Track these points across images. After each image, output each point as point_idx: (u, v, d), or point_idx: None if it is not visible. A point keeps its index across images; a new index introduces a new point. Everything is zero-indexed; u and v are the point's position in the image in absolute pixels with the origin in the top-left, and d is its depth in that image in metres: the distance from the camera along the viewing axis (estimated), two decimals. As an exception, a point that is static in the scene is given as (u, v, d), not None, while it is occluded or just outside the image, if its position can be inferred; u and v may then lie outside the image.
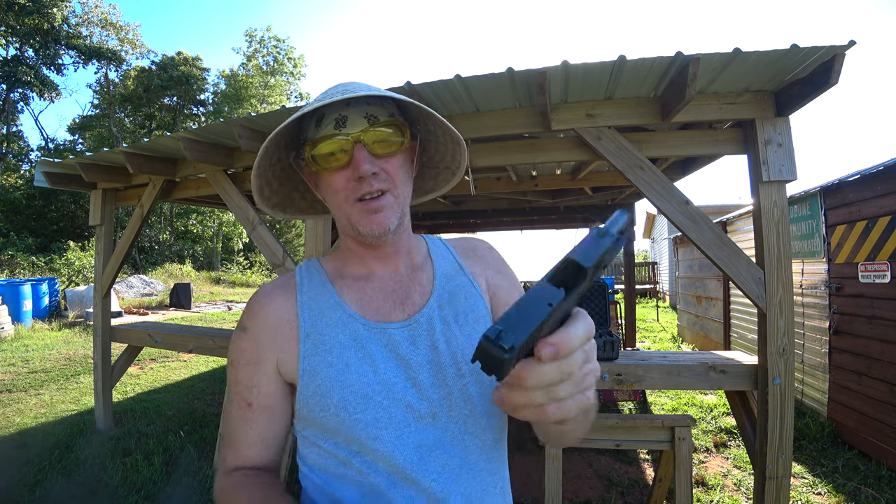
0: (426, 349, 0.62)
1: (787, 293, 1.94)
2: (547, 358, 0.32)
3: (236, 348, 0.65)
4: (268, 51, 27.65)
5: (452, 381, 0.61)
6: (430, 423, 0.60)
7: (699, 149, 2.21)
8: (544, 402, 0.35)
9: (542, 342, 0.33)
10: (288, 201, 0.75)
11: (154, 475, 2.89)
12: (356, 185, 0.60)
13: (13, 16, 18.05)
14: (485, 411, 0.62)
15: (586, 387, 0.37)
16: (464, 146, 0.70)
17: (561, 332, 0.34)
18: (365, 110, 0.61)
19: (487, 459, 0.62)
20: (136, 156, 2.93)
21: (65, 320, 9.31)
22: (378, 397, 0.59)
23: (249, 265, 23.53)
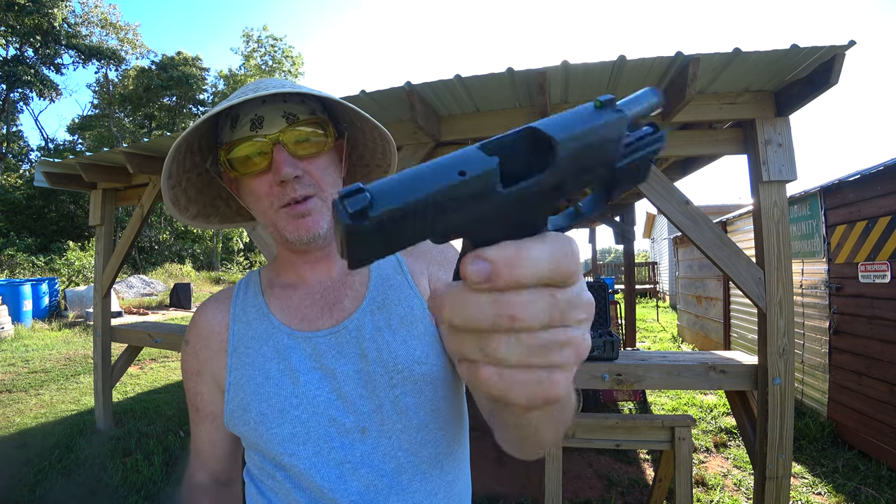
0: (354, 358, 0.57)
1: (787, 293, 1.93)
2: (472, 277, 0.20)
3: (182, 360, 0.67)
4: (265, 50, 27.65)
5: (383, 392, 0.56)
6: (357, 439, 0.55)
7: (699, 149, 2.21)
8: (475, 357, 0.22)
9: (468, 254, 0.21)
10: (212, 209, 0.70)
11: (154, 475, 2.89)
12: (280, 190, 0.56)
13: (13, 16, 18.05)
14: (422, 424, 0.57)
15: (552, 362, 0.22)
16: (392, 144, 0.65)
17: (506, 245, 0.21)
18: (283, 108, 0.57)
19: (424, 479, 0.57)
20: (136, 156, 2.93)
21: (65, 320, 9.31)
22: (295, 411, 0.55)
23: (249, 265, 23.53)
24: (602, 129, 0.22)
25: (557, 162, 0.21)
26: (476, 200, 0.19)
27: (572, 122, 0.22)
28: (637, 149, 0.24)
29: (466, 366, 0.23)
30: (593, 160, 0.22)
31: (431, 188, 0.18)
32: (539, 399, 0.23)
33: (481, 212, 0.20)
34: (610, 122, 0.22)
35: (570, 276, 0.22)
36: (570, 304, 0.22)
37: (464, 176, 0.19)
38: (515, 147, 0.21)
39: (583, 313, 0.23)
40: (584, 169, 0.22)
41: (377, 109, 2.21)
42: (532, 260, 0.21)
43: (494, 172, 0.20)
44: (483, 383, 0.22)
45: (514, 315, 0.21)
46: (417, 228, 0.19)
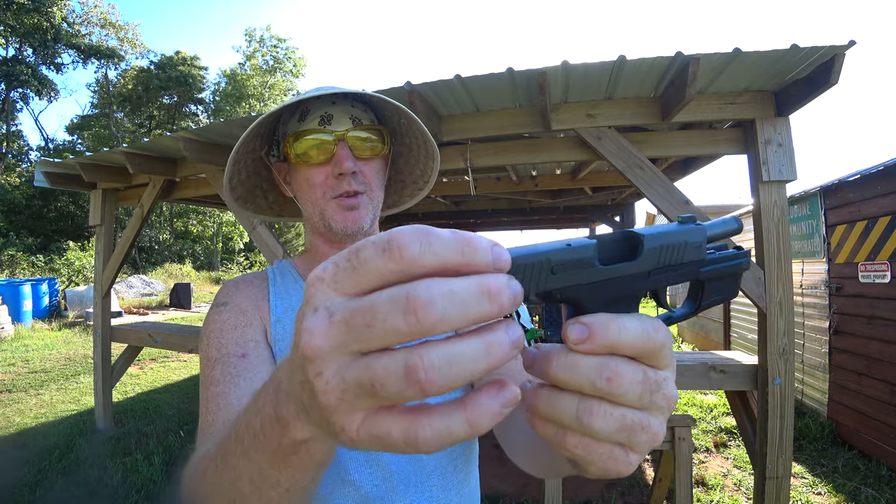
0: None
1: (787, 293, 1.93)
2: (571, 337, 0.23)
3: (218, 320, 0.61)
4: (267, 50, 27.65)
5: None
6: None
7: (699, 149, 2.21)
8: (569, 422, 0.24)
9: (570, 319, 0.25)
10: (250, 196, 0.75)
11: (154, 475, 2.89)
12: (335, 182, 0.61)
13: (12, 15, 18.05)
14: None
15: (632, 443, 0.24)
16: (438, 160, 0.70)
17: (602, 314, 0.24)
18: (350, 112, 0.62)
19: (441, 475, 0.59)
20: (135, 156, 2.93)
21: (65, 320, 9.31)
22: None
23: (249, 265, 23.52)
24: (681, 235, 0.28)
25: (644, 253, 0.27)
26: (577, 267, 0.25)
27: (658, 228, 0.28)
28: (718, 260, 0.31)
29: (554, 429, 0.25)
30: (675, 258, 0.28)
31: (546, 251, 0.24)
32: (612, 473, 0.25)
33: (583, 281, 0.25)
34: (689, 230, 0.29)
35: (659, 352, 0.25)
36: (659, 387, 0.25)
37: (569, 247, 0.25)
38: (615, 242, 0.28)
39: (665, 402, 0.25)
40: (669, 266, 0.28)
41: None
42: (623, 329, 0.24)
43: (593, 248, 0.25)
44: (567, 449, 0.25)
45: (611, 377, 0.23)
46: (534, 280, 0.24)
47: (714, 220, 0.32)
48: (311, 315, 0.20)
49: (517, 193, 4.56)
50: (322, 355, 0.19)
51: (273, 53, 27.77)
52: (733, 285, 0.32)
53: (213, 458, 0.37)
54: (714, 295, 0.31)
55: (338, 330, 0.19)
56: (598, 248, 0.26)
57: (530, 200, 4.93)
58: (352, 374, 0.19)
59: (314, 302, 0.20)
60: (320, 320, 0.19)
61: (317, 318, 0.19)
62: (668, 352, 0.25)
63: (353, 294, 0.19)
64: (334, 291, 0.20)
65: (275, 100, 26.79)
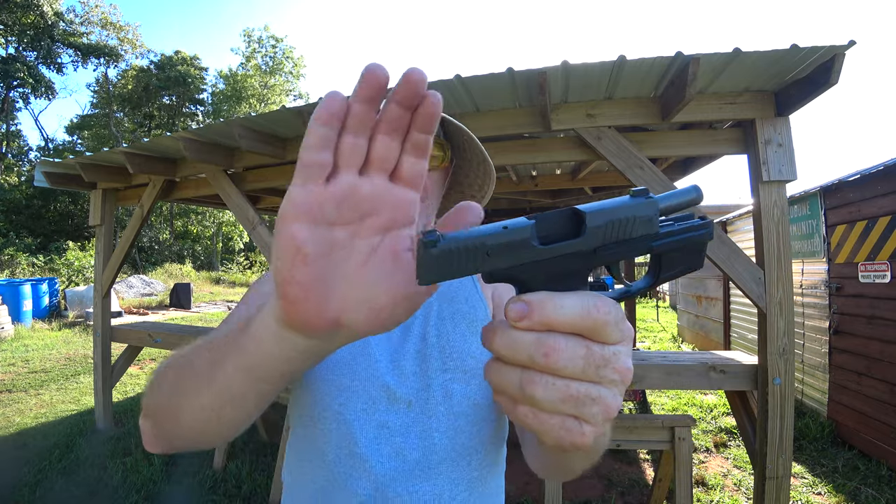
0: (416, 337, 0.63)
1: (787, 293, 1.93)
2: (510, 314, 0.25)
3: (260, 282, 0.66)
4: (266, 50, 27.64)
5: (434, 374, 0.60)
6: (402, 409, 0.59)
7: (699, 149, 2.21)
8: (514, 393, 0.26)
9: (512, 297, 0.26)
10: None
11: (154, 475, 2.89)
12: None
13: (7, 13, 18.02)
14: (462, 413, 0.59)
15: (581, 414, 0.26)
16: (493, 178, 0.72)
17: (542, 292, 0.26)
18: None
19: (452, 466, 0.58)
20: (135, 156, 2.93)
21: (65, 320, 9.31)
22: (358, 367, 0.60)
23: (249, 265, 23.52)
24: (630, 210, 0.27)
25: (587, 231, 0.26)
26: (514, 249, 0.25)
27: (604, 204, 0.27)
28: (674, 233, 0.29)
29: (506, 399, 0.27)
30: (623, 233, 0.27)
31: (481, 234, 0.25)
32: (566, 443, 0.27)
33: (521, 261, 0.26)
34: (638, 204, 0.27)
35: (602, 329, 0.26)
36: (606, 361, 0.26)
37: (505, 229, 0.25)
38: (558, 220, 0.27)
39: (616, 375, 0.27)
40: (617, 242, 0.27)
41: (377, 109, 2.21)
42: (562, 307, 0.25)
43: (530, 228, 0.26)
44: (520, 419, 0.27)
45: (547, 353, 0.25)
46: (469, 263, 0.25)
47: (670, 191, 0.31)
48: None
49: (517, 193, 4.56)
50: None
51: (272, 54, 27.76)
52: (696, 257, 0.31)
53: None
54: (674, 267, 0.30)
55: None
56: (538, 227, 0.26)
57: (530, 200, 4.93)
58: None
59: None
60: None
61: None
62: (613, 328, 0.26)
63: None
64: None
65: (276, 100, 26.78)
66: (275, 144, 2.60)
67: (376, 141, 0.27)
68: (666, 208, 0.30)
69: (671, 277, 0.31)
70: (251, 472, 2.94)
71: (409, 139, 0.28)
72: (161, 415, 0.45)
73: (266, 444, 3.36)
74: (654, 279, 0.31)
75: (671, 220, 0.31)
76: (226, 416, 0.39)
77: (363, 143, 0.27)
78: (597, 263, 0.28)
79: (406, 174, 0.29)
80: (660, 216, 0.29)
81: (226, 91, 26.25)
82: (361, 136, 0.27)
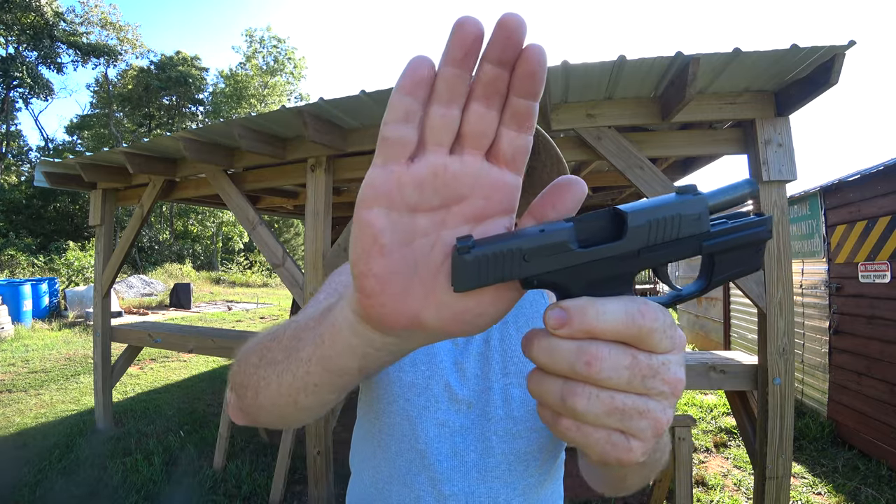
0: (479, 340, 0.63)
1: (787, 293, 1.93)
2: (549, 322, 0.24)
3: (340, 272, 0.67)
4: (267, 51, 27.64)
5: (495, 377, 0.60)
6: (462, 410, 0.59)
7: (699, 149, 2.21)
8: (556, 404, 0.25)
9: (550, 304, 0.25)
10: None
11: (154, 475, 2.89)
12: None
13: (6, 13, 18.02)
14: (521, 418, 0.59)
15: (628, 429, 0.24)
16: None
17: (583, 298, 0.24)
18: None
19: (508, 470, 0.58)
20: (135, 156, 2.93)
21: (65, 320, 9.30)
22: (423, 366, 0.61)
23: (249, 265, 23.52)
24: (675, 208, 0.25)
25: (629, 231, 0.25)
26: (552, 253, 0.24)
27: (647, 203, 0.25)
28: (727, 231, 0.27)
29: (549, 413, 0.26)
30: (669, 233, 0.25)
31: (517, 239, 0.24)
32: (612, 459, 0.25)
33: (560, 266, 0.24)
34: (684, 201, 0.25)
35: (648, 336, 0.24)
36: (654, 371, 0.24)
37: (543, 232, 0.24)
38: (598, 221, 0.25)
39: (666, 387, 0.24)
40: (663, 243, 0.25)
41: (377, 109, 2.21)
42: (604, 313, 0.23)
43: (568, 231, 0.24)
44: (562, 433, 0.25)
45: (589, 362, 0.23)
46: (506, 269, 0.24)
47: (721, 187, 0.28)
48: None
49: (517, 193, 4.55)
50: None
51: (273, 54, 27.76)
52: (753, 257, 0.29)
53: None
54: (729, 269, 0.28)
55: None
56: (577, 230, 0.25)
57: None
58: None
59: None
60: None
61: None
62: (661, 335, 0.24)
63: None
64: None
65: (276, 100, 26.78)
66: (275, 144, 2.60)
67: (470, 111, 0.23)
68: (716, 205, 0.27)
69: (726, 280, 0.29)
70: (251, 472, 2.94)
71: (509, 107, 0.23)
72: (243, 391, 0.45)
73: (266, 445, 3.36)
74: (707, 282, 0.29)
75: (724, 217, 0.29)
76: (301, 402, 0.38)
77: (455, 115, 0.23)
78: (641, 267, 0.26)
79: (505, 152, 0.24)
80: (710, 213, 0.27)
81: (226, 91, 26.26)
82: (454, 106, 0.23)
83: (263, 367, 0.41)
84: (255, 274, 21.60)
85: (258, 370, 0.42)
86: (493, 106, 0.23)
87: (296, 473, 2.86)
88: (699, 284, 0.29)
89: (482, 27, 0.21)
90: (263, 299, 14.39)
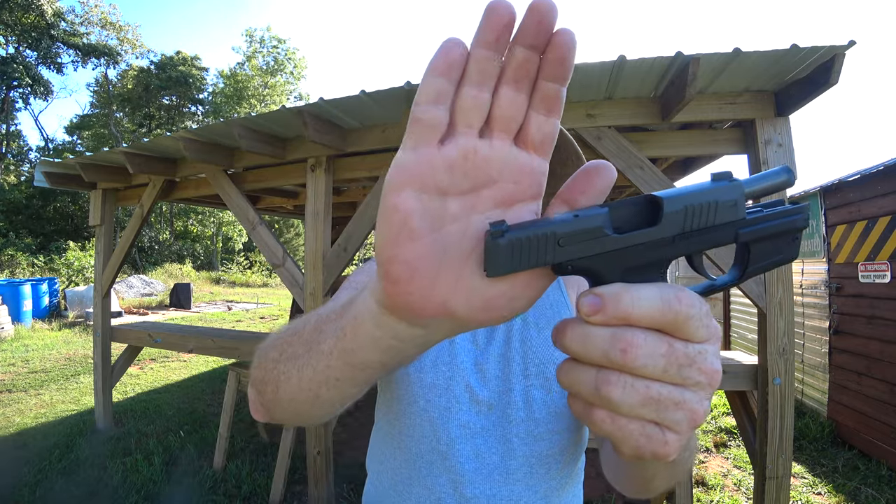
0: (500, 342, 0.63)
1: (787, 293, 1.93)
2: (583, 309, 0.23)
3: (359, 271, 0.65)
4: (268, 51, 27.63)
5: (516, 379, 0.60)
6: (483, 411, 0.59)
7: (699, 149, 2.21)
8: (589, 395, 0.24)
9: (584, 290, 0.24)
10: None
11: (154, 475, 2.89)
12: None
13: (6, 13, 18.02)
14: (542, 421, 0.58)
15: (663, 420, 0.24)
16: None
17: (617, 284, 0.24)
18: None
19: (529, 473, 0.57)
20: (135, 156, 2.93)
21: (65, 320, 9.30)
22: (444, 367, 0.60)
23: (249, 265, 23.52)
24: (711, 194, 0.25)
25: (665, 217, 0.24)
26: (586, 238, 0.24)
27: (683, 189, 0.25)
28: (763, 219, 0.27)
29: (582, 404, 0.25)
30: (705, 220, 0.25)
31: (552, 224, 0.23)
32: (647, 453, 0.24)
33: (594, 251, 0.24)
34: (721, 188, 0.25)
35: (685, 324, 0.23)
36: (690, 360, 0.23)
37: (577, 217, 0.24)
38: (633, 207, 0.25)
39: (703, 377, 0.24)
40: (698, 230, 0.25)
41: (377, 109, 2.21)
42: (639, 298, 0.23)
43: (603, 216, 0.24)
44: (596, 424, 0.24)
45: (625, 349, 0.22)
46: (540, 254, 0.23)
47: (757, 174, 0.28)
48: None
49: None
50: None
51: (274, 54, 27.75)
52: (790, 245, 0.28)
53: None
54: (765, 258, 0.28)
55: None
56: (612, 215, 0.24)
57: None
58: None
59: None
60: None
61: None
62: (697, 323, 0.23)
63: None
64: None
65: (276, 101, 26.78)
66: (275, 144, 2.60)
67: (500, 95, 0.23)
68: (752, 192, 0.27)
69: (761, 270, 0.28)
70: (251, 472, 2.94)
71: (538, 91, 0.23)
72: (263, 387, 0.44)
73: (266, 445, 3.36)
74: (742, 272, 0.28)
75: (759, 206, 0.28)
76: (322, 396, 0.38)
77: (486, 98, 0.23)
78: (676, 254, 0.25)
79: (534, 136, 0.24)
80: (746, 201, 0.26)
81: (225, 91, 26.25)
82: (485, 88, 0.23)
83: (284, 361, 0.41)
84: (255, 274, 21.60)
85: (278, 365, 0.41)
86: (522, 90, 0.23)
87: (296, 473, 2.86)
88: (734, 274, 0.29)
89: (514, 11, 0.21)
90: (263, 299, 14.39)
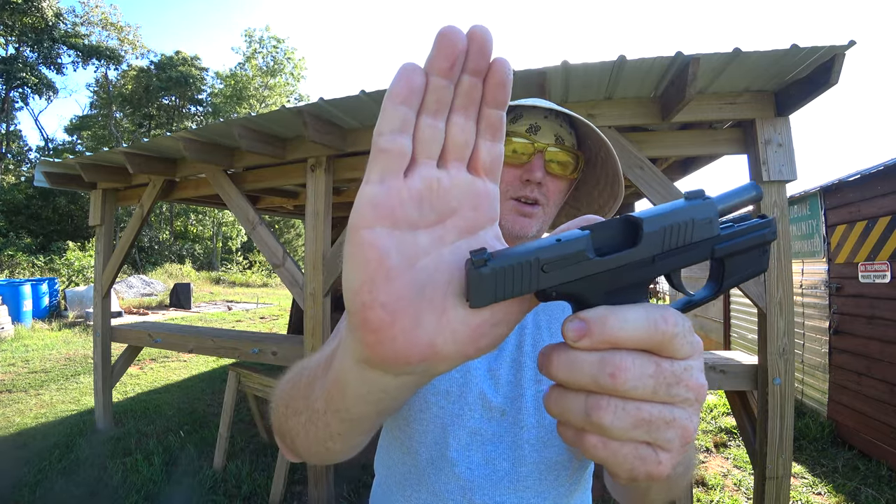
0: (512, 347, 0.63)
1: (787, 293, 1.93)
2: (568, 334, 0.23)
3: None
4: (267, 51, 27.63)
5: (528, 384, 0.59)
6: (495, 418, 0.58)
7: (699, 149, 2.21)
8: (579, 422, 0.23)
9: (569, 316, 0.24)
10: None
11: (154, 475, 2.89)
12: (519, 185, 0.62)
13: (7, 14, 18.03)
14: (553, 426, 0.57)
15: (656, 440, 0.23)
16: (620, 202, 0.70)
17: (601, 307, 0.23)
18: (557, 130, 0.65)
19: (539, 480, 0.57)
20: (135, 156, 2.93)
21: (65, 320, 9.30)
22: (456, 373, 0.60)
23: (249, 265, 23.52)
24: (687, 213, 0.25)
25: (644, 238, 0.24)
26: (569, 263, 0.23)
27: (659, 209, 0.25)
28: (736, 234, 0.28)
29: (573, 431, 0.24)
30: (682, 238, 0.26)
31: (534, 250, 0.23)
32: (641, 475, 0.24)
33: (578, 276, 0.24)
34: (695, 206, 0.26)
35: (671, 342, 0.23)
36: (677, 378, 0.24)
37: (559, 242, 0.23)
38: (612, 230, 0.25)
39: (690, 393, 0.24)
40: (676, 248, 0.26)
41: (377, 109, 2.20)
42: (625, 321, 0.23)
43: (585, 240, 0.24)
44: (588, 451, 0.24)
45: (614, 373, 0.22)
46: (524, 281, 0.23)
47: (727, 191, 0.29)
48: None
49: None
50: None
51: (273, 54, 27.75)
52: (760, 258, 0.29)
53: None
54: (738, 272, 0.29)
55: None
56: (593, 238, 0.24)
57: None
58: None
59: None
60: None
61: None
62: (682, 340, 0.23)
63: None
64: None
65: (276, 101, 26.77)
66: (275, 144, 2.60)
67: (452, 123, 0.23)
68: (724, 209, 0.28)
69: (736, 283, 0.29)
70: (251, 472, 2.94)
71: (483, 118, 0.23)
72: (282, 437, 0.47)
73: (266, 445, 3.36)
74: (718, 286, 0.29)
75: (729, 221, 0.29)
76: (333, 448, 0.39)
77: (442, 127, 0.23)
78: (656, 273, 0.26)
79: (484, 161, 0.24)
80: (719, 218, 0.27)
81: (225, 91, 26.25)
82: (440, 117, 0.22)
83: (290, 416, 0.42)
84: (255, 274, 21.60)
85: (288, 420, 0.43)
86: (471, 117, 0.23)
87: (296, 473, 2.86)
88: (711, 289, 0.29)
89: (465, 42, 0.21)
90: (263, 299, 14.39)
